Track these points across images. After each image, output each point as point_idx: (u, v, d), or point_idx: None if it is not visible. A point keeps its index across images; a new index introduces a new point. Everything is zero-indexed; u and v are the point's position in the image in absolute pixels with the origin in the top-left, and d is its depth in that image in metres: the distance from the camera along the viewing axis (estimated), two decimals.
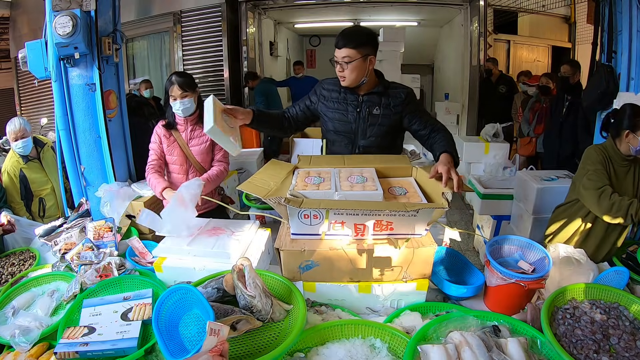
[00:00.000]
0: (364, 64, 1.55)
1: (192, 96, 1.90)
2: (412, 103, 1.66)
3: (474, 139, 4.21)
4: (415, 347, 0.91)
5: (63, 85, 2.16)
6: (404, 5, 5.43)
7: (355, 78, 1.57)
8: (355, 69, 1.54)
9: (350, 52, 1.51)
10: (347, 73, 1.55)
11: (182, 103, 1.87)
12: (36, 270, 1.57)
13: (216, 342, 0.83)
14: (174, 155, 1.98)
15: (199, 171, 2.00)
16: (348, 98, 1.66)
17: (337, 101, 1.68)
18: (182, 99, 1.87)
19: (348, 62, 1.52)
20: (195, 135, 1.96)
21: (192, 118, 1.95)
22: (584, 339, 0.96)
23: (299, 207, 1.10)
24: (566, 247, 1.44)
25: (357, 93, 1.65)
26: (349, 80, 1.58)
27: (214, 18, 4.80)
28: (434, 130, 1.59)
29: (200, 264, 1.34)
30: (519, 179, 2.85)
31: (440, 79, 7.16)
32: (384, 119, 1.63)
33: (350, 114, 1.66)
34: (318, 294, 1.22)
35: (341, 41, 1.53)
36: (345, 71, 1.55)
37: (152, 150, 1.99)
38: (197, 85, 1.98)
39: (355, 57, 1.52)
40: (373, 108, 1.64)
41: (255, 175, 1.34)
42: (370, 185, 1.28)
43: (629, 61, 2.10)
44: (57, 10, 2.02)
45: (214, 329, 0.83)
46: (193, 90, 1.91)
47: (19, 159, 2.47)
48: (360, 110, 1.64)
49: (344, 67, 1.54)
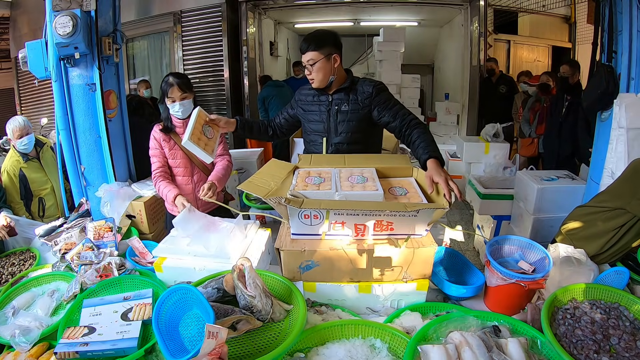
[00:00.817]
0: (329, 64, 1.64)
1: (191, 97, 1.89)
2: (380, 96, 1.68)
3: (474, 139, 4.22)
4: (415, 347, 0.91)
5: (63, 85, 2.16)
6: (404, 5, 5.43)
7: (322, 78, 1.66)
8: (320, 70, 1.63)
9: (312, 54, 1.61)
10: (314, 74, 1.65)
11: (182, 105, 1.85)
12: (36, 270, 1.57)
13: (215, 345, 0.83)
14: (177, 159, 1.95)
15: (203, 171, 1.98)
16: (320, 99, 1.76)
17: (311, 103, 1.78)
18: (182, 101, 1.85)
19: (312, 64, 1.62)
20: None
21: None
22: (584, 339, 0.96)
23: (299, 207, 1.10)
24: (566, 247, 1.44)
25: (327, 93, 1.74)
26: (317, 81, 1.67)
27: (214, 18, 4.80)
28: (410, 127, 1.59)
29: (200, 264, 1.34)
30: (519, 179, 2.85)
31: (440, 79, 7.15)
32: (353, 115, 1.69)
33: (323, 113, 1.75)
34: (318, 294, 1.22)
35: (303, 45, 1.64)
36: (313, 73, 1.64)
37: (154, 157, 1.94)
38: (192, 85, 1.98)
39: (318, 58, 1.62)
40: (342, 105, 1.71)
41: (255, 175, 1.34)
42: (370, 186, 1.28)
43: (629, 61, 2.10)
44: (57, 10, 2.02)
45: (212, 332, 0.82)
46: (191, 91, 1.90)
47: (19, 158, 2.47)
48: (330, 108, 1.73)
49: (310, 69, 1.64)
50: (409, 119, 1.61)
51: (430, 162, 1.36)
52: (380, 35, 5.30)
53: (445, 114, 5.49)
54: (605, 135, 2.20)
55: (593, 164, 2.40)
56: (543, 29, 6.19)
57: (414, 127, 1.57)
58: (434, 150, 1.44)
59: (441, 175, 1.27)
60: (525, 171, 2.86)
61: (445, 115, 5.50)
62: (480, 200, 3.00)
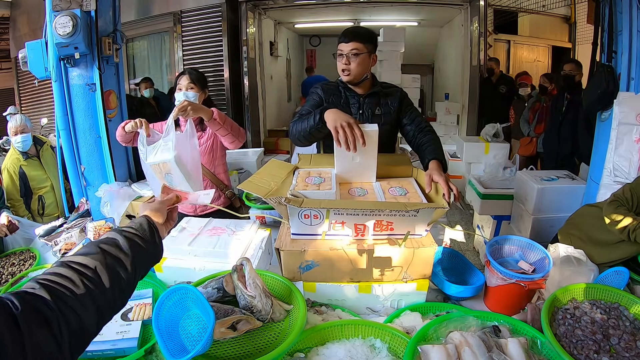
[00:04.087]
0: (368, 60, 1.58)
1: (199, 92, 1.86)
2: (406, 100, 1.70)
3: (474, 139, 4.22)
4: (415, 347, 0.91)
5: (63, 85, 2.16)
6: (404, 5, 5.43)
7: (360, 72, 1.58)
8: (361, 63, 1.56)
9: (358, 45, 1.54)
10: (353, 66, 1.56)
11: (186, 94, 1.82)
12: (36, 270, 1.57)
13: None
14: None
15: (206, 175, 1.93)
16: (350, 100, 1.66)
17: (338, 104, 1.66)
18: (187, 90, 1.82)
19: (356, 54, 1.54)
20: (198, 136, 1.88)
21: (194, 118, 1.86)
22: (584, 339, 0.96)
23: (299, 207, 1.10)
24: (566, 247, 1.45)
25: (358, 94, 1.65)
26: (353, 74, 1.58)
27: (214, 18, 4.80)
28: (422, 131, 1.60)
29: (201, 264, 1.34)
30: (519, 179, 2.85)
31: (440, 79, 7.15)
32: (386, 118, 1.65)
33: (354, 115, 1.64)
34: (318, 294, 1.22)
35: (349, 35, 1.55)
36: (352, 64, 1.55)
37: None
38: (207, 87, 1.94)
39: (363, 50, 1.54)
40: (375, 108, 1.65)
41: (255, 175, 1.34)
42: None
43: (629, 61, 2.10)
44: (57, 10, 2.03)
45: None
46: (201, 88, 1.87)
47: (19, 156, 2.48)
48: (362, 111, 1.65)
49: (350, 60, 1.55)
50: (424, 125, 1.63)
51: (433, 162, 1.38)
52: (380, 35, 5.29)
53: (445, 114, 5.49)
54: (605, 135, 2.20)
55: (593, 164, 2.40)
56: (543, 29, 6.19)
57: (426, 133, 1.59)
58: (439, 154, 1.45)
59: (441, 175, 1.28)
60: (525, 171, 2.87)
61: (445, 115, 5.50)
62: (480, 200, 3.00)
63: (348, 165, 1.38)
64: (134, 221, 0.69)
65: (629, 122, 2.08)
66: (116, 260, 0.58)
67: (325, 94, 1.67)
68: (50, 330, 0.46)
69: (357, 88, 1.65)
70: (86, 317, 0.51)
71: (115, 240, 0.61)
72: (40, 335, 0.45)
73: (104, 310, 0.54)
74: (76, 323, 0.49)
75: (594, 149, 2.40)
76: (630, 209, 1.58)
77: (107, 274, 0.55)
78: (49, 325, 0.46)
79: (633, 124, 2.08)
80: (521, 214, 2.80)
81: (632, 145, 2.09)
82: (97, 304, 0.52)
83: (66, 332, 0.47)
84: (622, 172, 2.14)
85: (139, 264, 0.61)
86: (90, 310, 0.52)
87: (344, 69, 1.59)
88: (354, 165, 1.38)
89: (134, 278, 0.61)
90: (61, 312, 0.48)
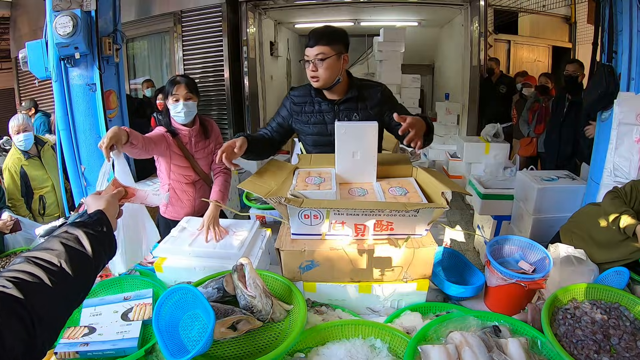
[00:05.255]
0: (338, 63, 1.49)
1: (196, 101, 1.78)
2: (389, 100, 1.61)
3: (474, 139, 4.22)
4: (415, 347, 0.91)
5: (63, 85, 2.16)
6: (404, 5, 5.42)
7: (330, 77, 1.49)
8: (329, 67, 1.47)
9: (324, 49, 1.45)
10: (321, 72, 1.48)
11: (186, 105, 1.72)
12: None
13: None
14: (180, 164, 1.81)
15: (204, 180, 1.89)
16: (323, 109, 1.57)
17: (312, 114, 1.58)
18: (186, 101, 1.73)
19: (322, 59, 1.45)
20: (200, 147, 1.84)
21: (195, 129, 1.81)
22: (585, 339, 0.96)
23: (300, 207, 1.10)
24: (566, 247, 1.44)
25: (332, 101, 1.57)
26: (322, 80, 1.49)
27: (214, 18, 4.80)
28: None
29: (201, 264, 1.34)
30: (519, 179, 2.85)
31: (440, 79, 7.15)
32: None
33: (329, 125, 1.56)
34: (318, 294, 1.22)
35: (314, 39, 1.47)
36: (319, 70, 1.48)
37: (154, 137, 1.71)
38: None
39: (330, 53, 1.46)
40: (351, 115, 1.57)
41: (255, 175, 1.34)
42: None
43: (629, 61, 2.10)
44: (57, 11, 2.03)
45: None
46: (197, 96, 1.79)
47: (20, 156, 2.49)
48: (338, 119, 1.55)
49: (317, 65, 1.47)
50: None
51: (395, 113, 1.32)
52: (380, 36, 5.29)
53: (446, 114, 5.49)
54: (605, 135, 2.21)
55: (593, 164, 2.41)
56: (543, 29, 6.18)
57: None
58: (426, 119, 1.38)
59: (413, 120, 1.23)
60: (526, 171, 2.87)
61: (445, 116, 5.49)
62: (481, 200, 3.00)
63: (348, 163, 1.37)
64: (90, 215, 0.75)
65: (629, 122, 2.09)
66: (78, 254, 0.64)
67: (296, 106, 1.60)
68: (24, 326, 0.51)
69: (330, 93, 1.56)
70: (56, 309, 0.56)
71: (75, 235, 0.66)
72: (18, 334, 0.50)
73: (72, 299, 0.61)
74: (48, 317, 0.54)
75: (594, 149, 2.40)
76: (627, 202, 1.58)
77: (71, 267, 0.60)
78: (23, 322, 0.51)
79: (633, 124, 2.08)
80: (521, 214, 2.80)
81: (632, 145, 2.09)
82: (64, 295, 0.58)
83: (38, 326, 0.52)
84: (622, 172, 2.14)
85: (98, 258, 0.67)
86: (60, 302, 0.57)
87: (312, 76, 1.50)
88: (354, 162, 1.37)
89: (96, 268, 0.67)
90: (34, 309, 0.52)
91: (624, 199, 1.59)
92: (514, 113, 4.37)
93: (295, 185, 1.30)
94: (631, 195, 1.59)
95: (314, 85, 1.53)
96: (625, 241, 1.55)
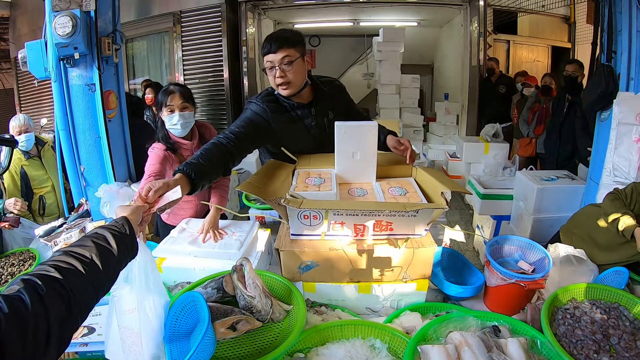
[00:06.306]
0: (304, 65, 1.43)
1: (192, 110, 1.72)
2: (344, 92, 1.68)
3: (474, 139, 4.22)
4: (415, 347, 0.91)
5: (63, 85, 2.16)
6: (404, 5, 5.42)
7: (299, 80, 1.42)
8: (298, 70, 1.40)
9: (289, 51, 1.37)
10: (290, 77, 1.39)
11: (182, 116, 1.66)
12: None
13: None
14: None
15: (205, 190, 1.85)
16: (300, 114, 1.50)
17: (289, 122, 1.49)
18: (182, 111, 1.66)
19: (290, 62, 1.37)
20: None
21: (195, 142, 1.77)
22: (584, 339, 0.96)
23: (299, 208, 1.10)
24: (566, 247, 1.45)
25: (304, 105, 1.51)
26: (294, 85, 1.41)
27: (213, 18, 4.80)
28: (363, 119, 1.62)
29: (200, 265, 1.34)
30: (518, 179, 2.85)
31: (440, 79, 7.15)
32: (339, 118, 1.49)
33: (312, 129, 1.52)
34: (318, 294, 1.22)
35: (275, 43, 1.36)
36: (288, 75, 1.38)
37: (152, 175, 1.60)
38: None
39: (295, 56, 1.38)
40: (328, 113, 1.55)
41: (254, 176, 1.34)
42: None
43: (628, 61, 2.11)
44: (56, 11, 2.02)
45: None
46: (193, 105, 1.73)
47: (21, 156, 2.49)
48: (317, 122, 1.53)
49: (285, 70, 1.38)
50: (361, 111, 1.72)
51: (390, 136, 1.50)
52: (379, 36, 5.29)
53: (445, 114, 5.49)
54: (605, 135, 2.21)
55: (593, 164, 2.41)
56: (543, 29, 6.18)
57: (365, 119, 1.62)
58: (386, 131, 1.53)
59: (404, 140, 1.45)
60: (525, 171, 2.87)
61: (445, 116, 5.49)
62: (480, 200, 3.01)
63: (348, 163, 1.38)
64: (116, 220, 0.85)
65: (628, 122, 2.09)
66: (106, 251, 0.76)
67: (273, 113, 1.46)
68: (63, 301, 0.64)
69: (298, 98, 1.49)
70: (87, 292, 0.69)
71: (104, 235, 0.78)
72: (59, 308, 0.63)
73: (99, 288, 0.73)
74: (81, 297, 0.67)
75: (593, 149, 2.40)
76: (627, 204, 1.58)
77: (100, 260, 0.73)
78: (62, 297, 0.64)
79: (633, 124, 2.08)
80: (521, 214, 2.80)
81: (632, 145, 2.09)
82: (94, 283, 0.71)
83: (74, 303, 0.65)
84: (621, 172, 2.14)
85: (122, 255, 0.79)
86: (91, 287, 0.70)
87: (280, 83, 1.40)
88: (354, 162, 1.37)
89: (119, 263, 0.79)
90: (70, 289, 0.66)
91: (624, 200, 1.58)
92: (515, 113, 4.36)
93: (295, 186, 1.30)
94: (631, 197, 1.59)
95: (284, 93, 1.44)
96: (625, 244, 1.55)
